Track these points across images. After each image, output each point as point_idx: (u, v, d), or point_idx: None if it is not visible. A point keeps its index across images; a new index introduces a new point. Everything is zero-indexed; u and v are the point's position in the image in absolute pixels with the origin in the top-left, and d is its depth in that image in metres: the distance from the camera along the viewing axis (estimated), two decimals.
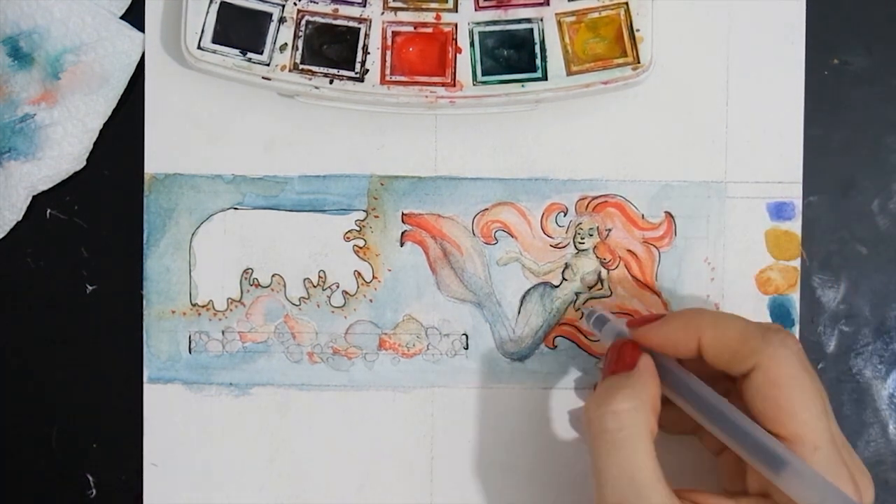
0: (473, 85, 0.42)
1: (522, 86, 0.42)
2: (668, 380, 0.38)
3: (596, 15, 0.42)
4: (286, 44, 0.42)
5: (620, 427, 0.36)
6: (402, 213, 0.45)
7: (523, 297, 0.45)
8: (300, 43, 0.42)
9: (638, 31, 0.42)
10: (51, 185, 0.44)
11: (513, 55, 0.43)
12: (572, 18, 0.42)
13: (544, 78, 0.42)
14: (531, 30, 0.42)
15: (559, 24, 0.42)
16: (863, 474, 0.36)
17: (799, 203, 0.44)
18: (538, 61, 0.42)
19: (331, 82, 0.42)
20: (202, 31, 0.42)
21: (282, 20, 0.42)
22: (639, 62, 0.42)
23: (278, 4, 0.42)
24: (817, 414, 0.35)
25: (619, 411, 0.36)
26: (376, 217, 0.45)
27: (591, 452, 0.37)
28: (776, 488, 0.35)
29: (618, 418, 0.36)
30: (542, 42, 0.42)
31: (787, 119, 0.44)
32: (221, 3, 0.42)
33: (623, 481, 0.35)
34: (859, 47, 0.44)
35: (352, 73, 0.42)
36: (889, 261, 0.45)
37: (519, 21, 0.42)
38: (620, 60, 0.42)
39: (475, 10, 0.43)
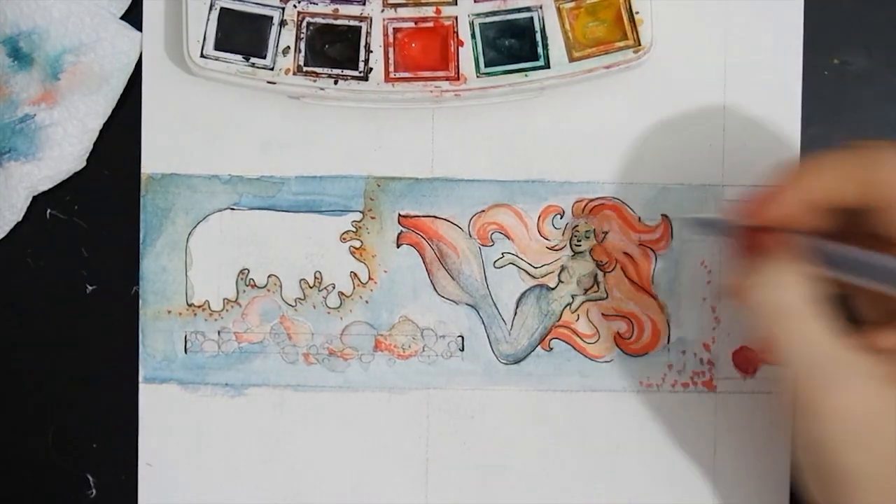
0: (477, 77, 0.42)
1: (526, 75, 0.42)
2: (819, 257, 0.37)
3: None
4: (289, 47, 0.43)
5: (786, 301, 0.36)
6: (399, 215, 0.45)
7: (519, 299, 0.44)
8: (302, 45, 0.43)
9: (637, 13, 0.42)
10: (51, 185, 0.44)
11: (514, 44, 0.43)
12: (571, 4, 0.42)
13: (547, 66, 0.42)
14: (531, 18, 0.42)
15: (559, 10, 0.42)
16: None
17: None
18: (540, 49, 0.42)
19: (335, 83, 0.42)
20: (204, 38, 0.42)
21: (283, 23, 0.43)
22: (640, 44, 0.42)
23: (278, 7, 0.43)
24: None
25: (785, 283, 0.36)
26: (373, 218, 0.45)
27: (765, 329, 0.36)
28: None
29: (785, 292, 0.36)
30: (543, 30, 0.42)
31: (785, 122, 0.44)
32: (221, 10, 0.42)
33: (807, 354, 0.35)
34: (859, 47, 0.44)
35: (356, 73, 0.42)
36: None
37: (519, 10, 0.42)
38: (621, 43, 0.42)
39: (474, 1, 0.43)
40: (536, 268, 0.44)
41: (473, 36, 0.42)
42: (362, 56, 0.42)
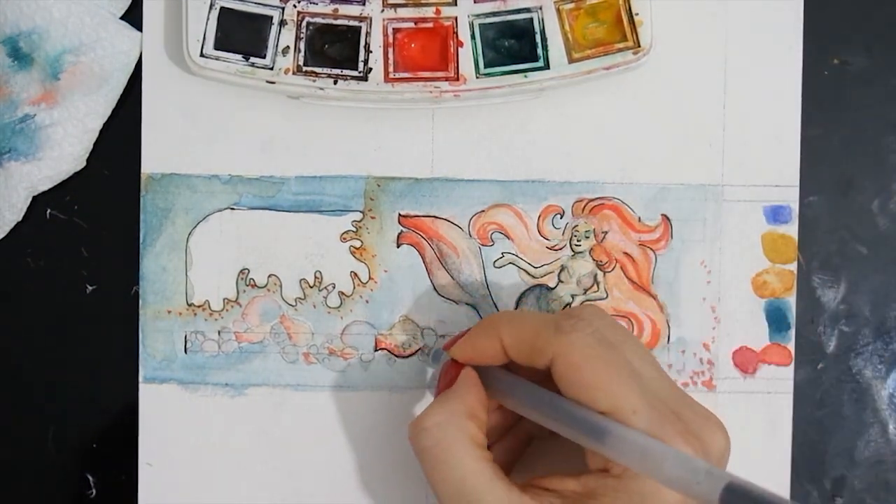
0: (476, 77, 0.42)
1: (525, 76, 0.42)
2: (494, 386, 0.39)
3: (594, 0, 0.42)
4: (288, 46, 0.43)
5: (434, 442, 0.37)
6: (399, 215, 0.45)
7: (519, 299, 0.44)
8: (302, 45, 0.43)
9: (637, 14, 0.42)
10: (51, 185, 0.44)
11: (514, 45, 0.43)
12: (571, 5, 0.42)
13: (546, 66, 0.42)
14: (531, 19, 0.42)
15: (558, 11, 0.42)
16: (706, 422, 0.36)
17: (796, 207, 0.44)
18: (539, 50, 0.42)
19: (335, 83, 0.42)
20: (203, 37, 0.42)
21: (282, 23, 0.43)
22: (639, 46, 0.42)
23: (278, 7, 0.43)
24: (624, 380, 0.35)
25: (429, 427, 0.37)
26: (373, 218, 0.45)
27: (423, 469, 0.38)
28: (611, 460, 0.35)
29: (430, 434, 0.37)
30: (543, 31, 0.42)
31: (784, 122, 0.44)
32: (221, 9, 0.42)
33: (454, 492, 0.36)
34: (859, 47, 0.44)
35: (355, 73, 0.42)
36: (889, 261, 0.44)
37: (518, 11, 0.43)
38: (621, 45, 0.42)
39: (474, 2, 0.43)
40: (536, 268, 0.44)
41: (473, 37, 0.42)
42: (362, 56, 0.42)
